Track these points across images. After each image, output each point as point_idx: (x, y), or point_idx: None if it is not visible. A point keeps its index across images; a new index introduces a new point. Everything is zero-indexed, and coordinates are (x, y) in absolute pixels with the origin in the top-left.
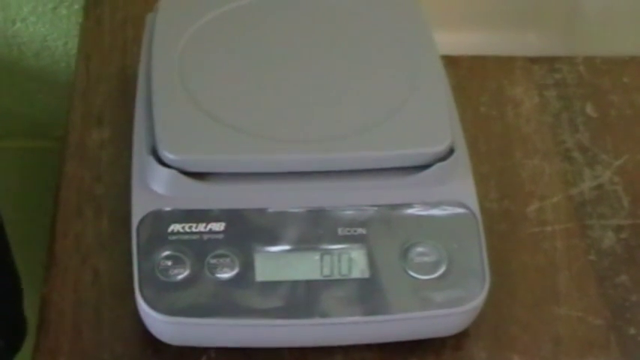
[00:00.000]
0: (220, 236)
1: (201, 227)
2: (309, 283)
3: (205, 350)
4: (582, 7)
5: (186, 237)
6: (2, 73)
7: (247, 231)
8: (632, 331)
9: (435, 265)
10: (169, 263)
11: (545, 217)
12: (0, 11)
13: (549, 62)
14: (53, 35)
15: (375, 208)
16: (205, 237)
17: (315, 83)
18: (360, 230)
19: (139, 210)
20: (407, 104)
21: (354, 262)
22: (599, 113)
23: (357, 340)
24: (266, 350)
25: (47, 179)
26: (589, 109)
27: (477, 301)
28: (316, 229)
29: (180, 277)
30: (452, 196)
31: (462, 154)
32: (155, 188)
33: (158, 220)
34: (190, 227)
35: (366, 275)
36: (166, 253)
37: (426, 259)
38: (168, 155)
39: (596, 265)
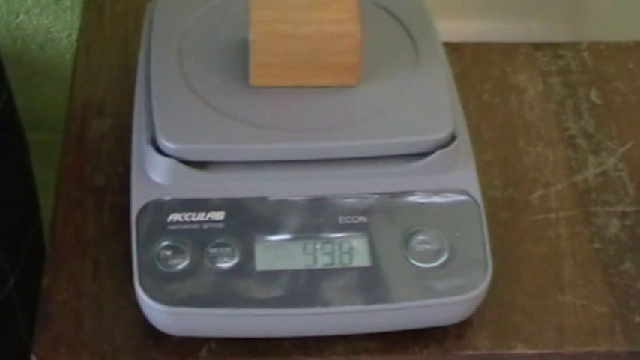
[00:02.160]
0: (220, 225)
1: (201, 217)
2: (310, 272)
3: (206, 340)
4: None
5: (185, 227)
6: (6, 66)
7: (247, 220)
8: (637, 318)
9: (437, 254)
10: (169, 253)
11: (549, 204)
12: (3, 3)
13: (553, 49)
14: (57, 27)
15: (377, 196)
16: (205, 226)
17: None
18: (362, 218)
19: (138, 200)
20: (408, 92)
21: (355, 250)
22: (603, 100)
23: (358, 330)
24: (267, 340)
25: (53, 172)
26: (593, 96)
27: (479, 289)
28: (317, 217)
29: (180, 267)
30: (454, 183)
31: (463, 141)
32: (154, 178)
33: (158, 209)
34: (190, 217)
35: (368, 264)
36: (166, 242)
37: (427, 247)
38: (167, 144)
39: (601, 252)
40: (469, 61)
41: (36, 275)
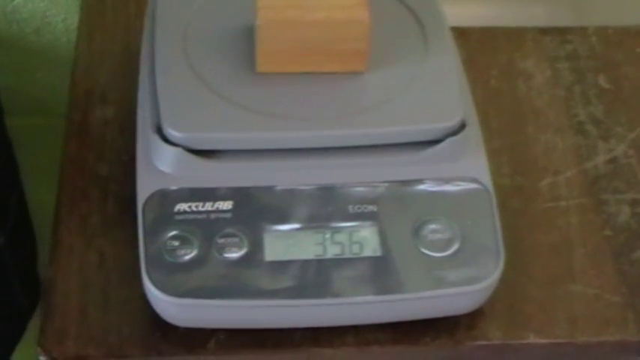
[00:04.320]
0: (228, 215)
1: (209, 206)
2: (320, 263)
3: (214, 332)
4: None
5: (193, 216)
6: (2, 51)
7: (256, 209)
8: None
9: (448, 243)
10: (176, 244)
11: (559, 192)
12: None
13: (560, 33)
14: (53, 11)
15: (387, 185)
16: (213, 216)
17: None
18: (372, 207)
19: (144, 189)
20: (417, 78)
21: (365, 240)
22: (612, 85)
23: (369, 320)
24: (276, 331)
25: (50, 156)
26: (602, 81)
27: (491, 278)
28: (326, 206)
29: (187, 257)
30: (464, 171)
31: (473, 128)
32: (161, 167)
33: (164, 199)
34: (197, 206)
35: (378, 253)
36: (173, 233)
37: (438, 236)
38: (173, 133)
39: (612, 240)
40: (476, 47)
41: (24, 237)
